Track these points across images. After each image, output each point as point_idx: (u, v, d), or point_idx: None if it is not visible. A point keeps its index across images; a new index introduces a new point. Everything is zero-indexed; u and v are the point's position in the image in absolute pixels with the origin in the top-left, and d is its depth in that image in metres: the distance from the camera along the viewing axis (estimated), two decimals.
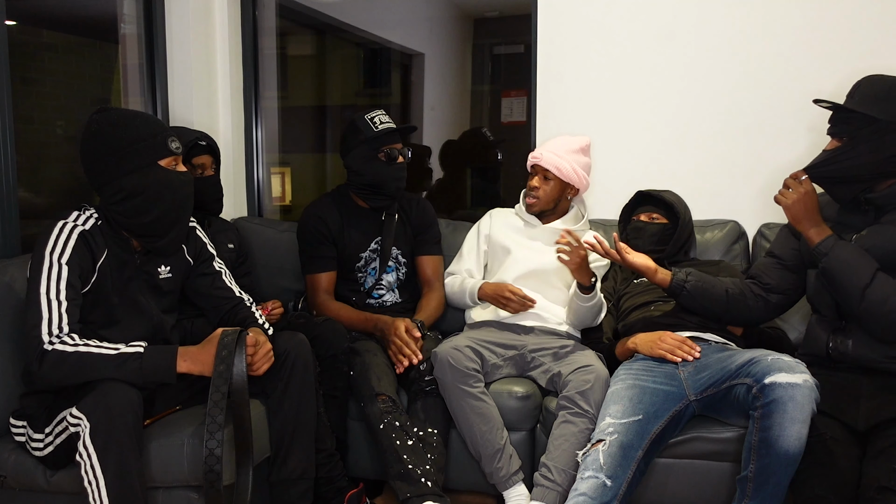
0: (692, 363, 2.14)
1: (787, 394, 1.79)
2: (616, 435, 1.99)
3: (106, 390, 1.73)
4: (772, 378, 1.83)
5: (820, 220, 2.01)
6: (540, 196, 2.58)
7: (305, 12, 3.76)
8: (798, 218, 2.01)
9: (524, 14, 3.03)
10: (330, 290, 2.62)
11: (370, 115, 2.56)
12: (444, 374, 2.25)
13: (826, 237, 1.98)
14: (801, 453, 1.79)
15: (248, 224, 3.03)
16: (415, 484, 2.15)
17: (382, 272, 2.65)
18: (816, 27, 2.70)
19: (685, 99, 2.84)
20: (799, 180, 2.02)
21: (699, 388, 2.07)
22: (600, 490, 1.92)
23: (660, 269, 2.22)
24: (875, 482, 1.72)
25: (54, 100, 3.33)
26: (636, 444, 1.99)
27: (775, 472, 1.80)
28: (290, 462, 2.06)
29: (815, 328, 2.09)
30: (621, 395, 2.09)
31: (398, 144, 2.58)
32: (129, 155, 1.88)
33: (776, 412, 1.80)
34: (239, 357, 1.89)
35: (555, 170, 2.55)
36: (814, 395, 1.81)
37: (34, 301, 1.80)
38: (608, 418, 2.04)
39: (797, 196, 2.00)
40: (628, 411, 2.03)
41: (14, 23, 2.62)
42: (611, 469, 1.94)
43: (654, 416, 2.03)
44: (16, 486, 1.93)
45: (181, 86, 3.03)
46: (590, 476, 1.94)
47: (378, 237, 2.65)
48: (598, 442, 2.00)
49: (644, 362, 2.21)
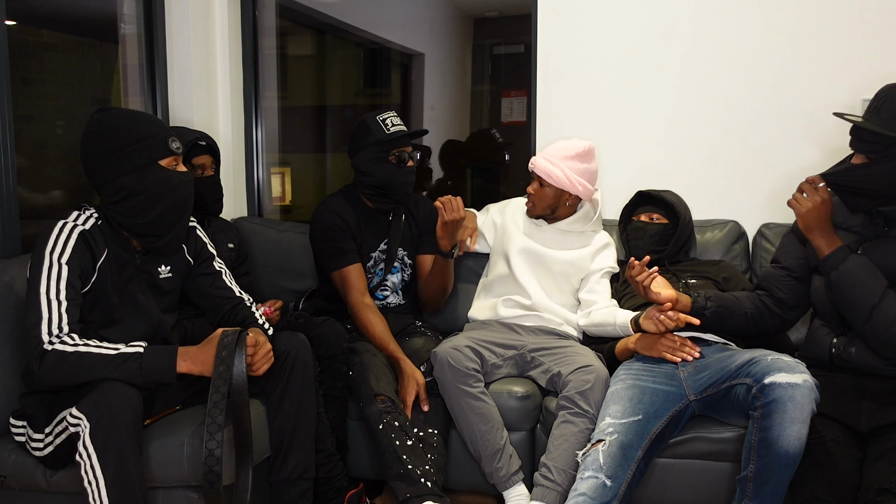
0: (692, 363, 2.14)
1: (787, 394, 1.79)
2: (616, 435, 1.99)
3: (106, 390, 1.73)
4: (771, 378, 1.83)
5: (832, 230, 1.97)
6: (535, 202, 2.57)
7: (305, 12, 3.76)
8: (810, 227, 1.99)
9: (524, 14, 3.03)
10: (364, 289, 2.53)
11: (382, 116, 2.53)
12: (443, 374, 2.25)
13: (836, 249, 1.95)
14: (800, 453, 1.79)
15: (248, 224, 3.03)
16: (414, 484, 2.15)
17: (388, 273, 2.64)
18: (816, 26, 2.70)
19: (685, 98, 2.84)
20: (815, 186, 1.98)
21: (699, 388, 2.07)
22: (600, 490, 1.92)
23: (680, 296, 2.16)
24: (875, 484, 1.72)
25: (54, 100, 3.34)
26: (636, 444, 1.99)
27: (775, 472, 1.80)
28: (290, 462, 2.06)
29: (817, 332, 2.08)
30: (621, 395, 2.09)
31: (408, 148, 2.56)
32: (129, 154, 1.88)
33: (776, 412, 1.79)
34: (239, 357, 1.89)
35: (546, 177, 2.52)
36: (813, 395, 1.81)
37: (34, 301, 1.80)
38: (608, 418, 2.04)
39: (812, 204, 1.97)
40: (628, 411, 2.03)
41: (14, 23, 2.62)
42: (611, 469, 1.94)
43: (654, 417, 2.04)
44: (16, 486, 1.93)
45: (181, 86, 3.03)
46: (590, 476, 1.94)
47: (386, 238, 2.64)
48: (597, 442, 2.00)
49: (644, 363, 2.21)
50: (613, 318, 2.36)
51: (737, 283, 2.46)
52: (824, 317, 2.07)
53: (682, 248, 2.57)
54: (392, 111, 2.56)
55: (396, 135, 2.50)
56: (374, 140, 2.50)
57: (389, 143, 2.51)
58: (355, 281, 2.52)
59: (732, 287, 2.42)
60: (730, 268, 2.54)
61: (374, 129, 2.51)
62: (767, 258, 2.54)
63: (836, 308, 2.00)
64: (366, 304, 2.50)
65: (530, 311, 2.55)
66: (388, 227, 2.63)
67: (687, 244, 2.59)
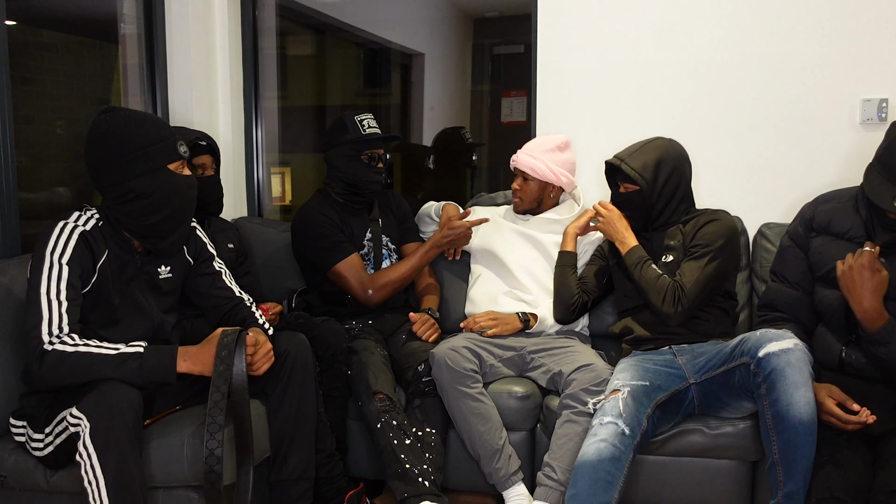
0: (689, 350, 2.16)
1: (783, 360, 1.83)
2: (629, 388, 2.04)
3: (106, 390, 1.73)
4: (765, 350, 1.86)
5: (882, 303, 1.86)
6: (522, 197, 2.64)
7: (305, 12, 3.76)
8: (862, 305, 1.86)
9: (524, 14, 3.04)
10: (363, 267, 2.61)
11: (359, 116, 2.61)
12: (441, 375, 2.26)
13: (886, 323, 1.85)
14: (814, 420, 1.79)
15: (248, 224, 3.03)
16: (412, 484, 2.15)
17: (379, 261, 2.68)
18: (817, 27, 2.70)
19: (685, 98, 2.84)
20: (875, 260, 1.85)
21: (698, 371, 2.10)
22: (619, 437, 1.94)
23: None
24: (887, 486, 1.71)
25: (54, 100, 3.33)
26: (646, 403, 2.03)
27: (798, 445, 1.79)
28: (290, 462, 2.06)
29: (825, 338, 2.05)
30: (626, 368, 2.15)
31: (380, 150, 2.66)
32: (139, 158, 1.87)
33: (779, 381, 1.82)
34: (239, 357, 1.89)
35: (530, 171, 2.59)
36: (807, 357, 1.85)
37: (34, 301, 1.80)
38: (617, 381, 2.09)
39: (871, 284, 1.84)
40: (636, 377, 2.09)
41: (14, 23, 2.62)
42: (629, 417, 1.97)
43: (658, 388, 2.08)
44: (16, 486, 1.93)
45: (181, 86, 3.03)
46: (610, 422, 1.96)
47: (368, 227, 2.70)
48: (614, 391, 2.02)
49: (643, 353, 2.25)
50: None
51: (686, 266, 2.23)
52: (830, 325, 2.04)
53: (664, 209, 2.32)
54: (370, 114, 2.66)
55: (371, 136, 2.59)
56: (349, 138, 2.58)
57: (363, 144, 2.59)
58: (356, 266, 2.57)
59: (677, 265, 2.26)
60: (707, 234, 2.25)
61: (351, 127, 2.59)
62: (767, 258, 2.54)
63: (844, 319, 1.98)
64: (376, 276, 2.59)
65: (530, 305, 2.56)
66: (368, 219, 2.71)
67: (671, 203, 2.32)
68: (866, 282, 1.83)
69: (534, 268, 2.61)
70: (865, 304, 1.84)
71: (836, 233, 2.04)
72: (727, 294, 2.34)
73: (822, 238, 2.07)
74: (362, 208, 2.71)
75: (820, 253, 2.06)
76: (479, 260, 2.75)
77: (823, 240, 2.06)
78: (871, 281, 1.83)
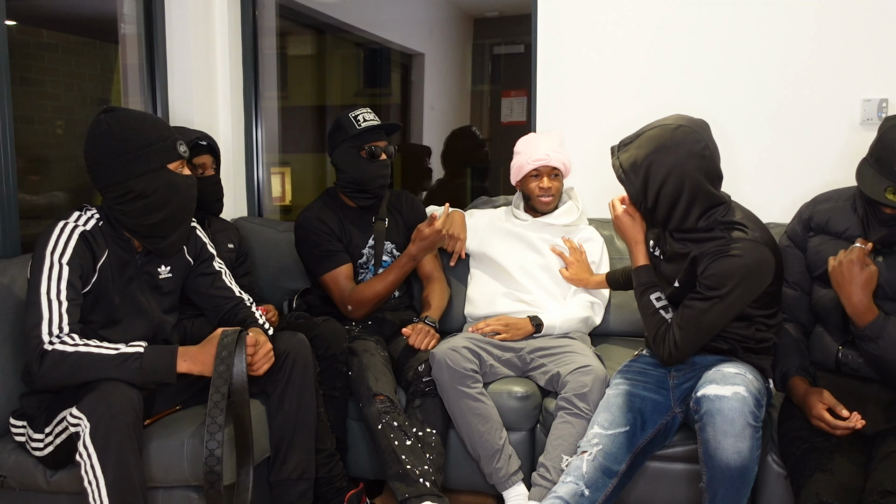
0: (683, 370, 2.09)
1: (714, 406, 1.78)
2: (601, 447, 1.98)
3: (106, 390, 1.73)
4: (702, 391, 1.83)
5: (871, 299, 1.86)
6: (554, 194, 2.63)
7: (305, 12, 3.76)
8: (851, 300, 1.85)
9: (524, 14, 3.04)
10: (352, 278, 2.59)
11: (354, 112, 2.58)
12: (441, 375, 2.26)
13: (876, 318, 1.85)
14: (745, 468, 1.76)
15: (248, 224, 3.03)
16: (413, 484, 2.15)
17: (379, 268, 2.65)
18: (817, 28, 2.70)
19: (685, 98, 2.84)
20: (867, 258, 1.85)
21: (681, 397, 2.07)
22: (577, 498, 1.92)
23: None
24: (879, 486, 1.70)
25: (54, 100, 3.33)
26: (621, 458, 1.98)
27: (722, 485, 1.78)
28: (290, 462, 2.06)
29: (822, 339, 2.05)
30: (612, 403, 2.08)
31: (381, 142, 2.59)
32: (140, 158, 1.87)
33: (708, 425, 1.79)
34: (239, 357, 1.89)
35: (562, 166, 2.61)
36: (747, 407, 1.77)
37: (34, 301, 1.80)
38: (596, 427, 2.04)
39: (860, 279, 1.83)
40: (617, 421, 2.03)
41: (14, 23, 2.62)
42: (591, 480, 1.94)
43: (641, 429, 2.03)
44: (16, 486, 1.93)
45: (181, 86, 3.03)
46: (570, 482, 1.95)
47: (372, 235, 2.66)
48: (583, 452, 2.00)
49: (642, 364, 2.19)
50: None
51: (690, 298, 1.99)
52: (827, 326, 2.04)
53: (671, 216, 1.97)
54: (366, 108, 2.61)
55: (366, 129, 2.54)
56: (346, 136, 2.56)
57: (360, 138, 2.55)
58: (344, 276, 2.55)
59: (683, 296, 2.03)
60: (715, 275, 1.91)
61: (347, 125, 2.56)
62: None
63: (840, 320, 1.97)
64: (355, 287, 2.55)
65: (531, 305, 2.57)
66: (373, 221, 2.67)
67: (676, 210, 1.95)
68: (855, 276, 1.83)
69: (532, 268, 2.61)
70: (854, 298, 1.84)
71: (833, 232, 2.03)
72: (765, 305, 2.03)
73: (820, 238, 2.06)
74: (371, 209, 2.66)
75: (818, 252, 2.05)
76: (477, 261, 2.75)
77: (821, 239, 2.06)
78: (860, 276, 1.83)
